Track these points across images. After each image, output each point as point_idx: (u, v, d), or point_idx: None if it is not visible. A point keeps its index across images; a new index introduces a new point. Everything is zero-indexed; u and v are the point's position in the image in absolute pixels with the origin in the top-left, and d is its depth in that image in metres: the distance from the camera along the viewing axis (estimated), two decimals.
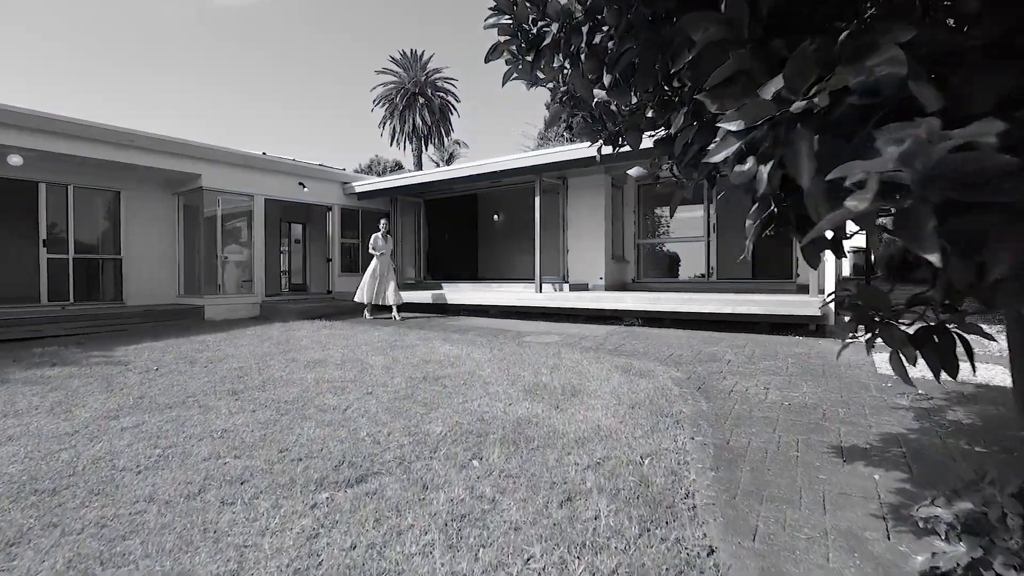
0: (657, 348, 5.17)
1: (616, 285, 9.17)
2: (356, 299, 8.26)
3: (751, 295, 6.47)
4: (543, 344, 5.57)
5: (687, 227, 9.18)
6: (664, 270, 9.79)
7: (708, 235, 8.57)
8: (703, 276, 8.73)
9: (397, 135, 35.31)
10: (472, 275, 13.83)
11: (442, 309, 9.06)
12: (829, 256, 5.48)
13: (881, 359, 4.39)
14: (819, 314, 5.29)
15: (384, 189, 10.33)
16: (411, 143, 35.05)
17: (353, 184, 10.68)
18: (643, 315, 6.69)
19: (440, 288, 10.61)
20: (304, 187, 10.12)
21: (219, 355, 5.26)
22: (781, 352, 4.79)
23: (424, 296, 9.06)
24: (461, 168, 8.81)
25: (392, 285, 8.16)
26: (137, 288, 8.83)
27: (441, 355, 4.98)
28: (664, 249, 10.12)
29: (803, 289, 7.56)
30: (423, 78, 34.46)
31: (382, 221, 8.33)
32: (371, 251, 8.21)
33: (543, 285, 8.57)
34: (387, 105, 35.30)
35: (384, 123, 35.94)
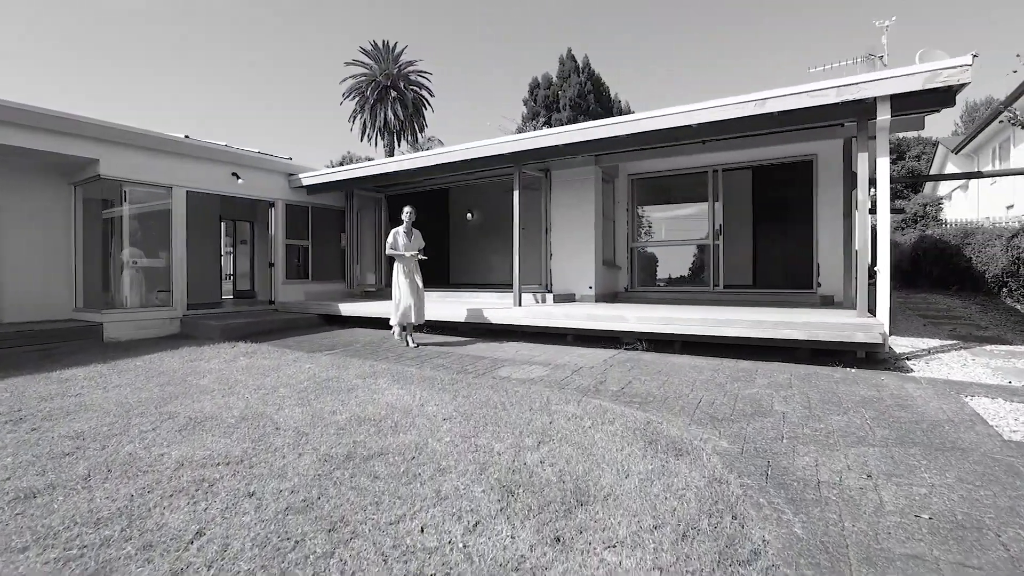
0: (677, 389, 3.91)
1: (607, 295, 7.92)
2: (392, 323, 6.16)
3: (781, 312, 5.29)
4: (525, 383, 4.24)
5: (688, 228, 8.02)
6: (663, 278, 8.61)
7: (714, 238, 7.41)
8: (707, 285, 7.56)
9: (368, 130, 33.50)
10: (443, 282, 12.41)
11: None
12: (882, 264, 4.33)
13: (985, 408, 3.24)
14: (880, 341, 4.13)
15: (336, 181, 8.81)
16: (383, 139, 33.28)
17: (300, 176, 9.11)
18: (649, 337, 5.44)
19: None
20: (239, 178, 8.52)
21: (70, 406, 3.74)
22: (844, 397, 3.59)
23: (376, 308, 7.61)
24: (426, 156, 7.41)
25: (419, 297, 6.10)
26: (17, 301, 7.09)
27: (383, 406, 3.59)
28: (660, 254, 8.93)
29: (827, 301, 6.47)
30: (395, 71, 32.72)
31: (405, 209, 6.05)
32: (389, 251, 6.04)
33: (523, 296, 7.25)
34: (357, 98, 33.45)
35: (355, 117, 34.06)
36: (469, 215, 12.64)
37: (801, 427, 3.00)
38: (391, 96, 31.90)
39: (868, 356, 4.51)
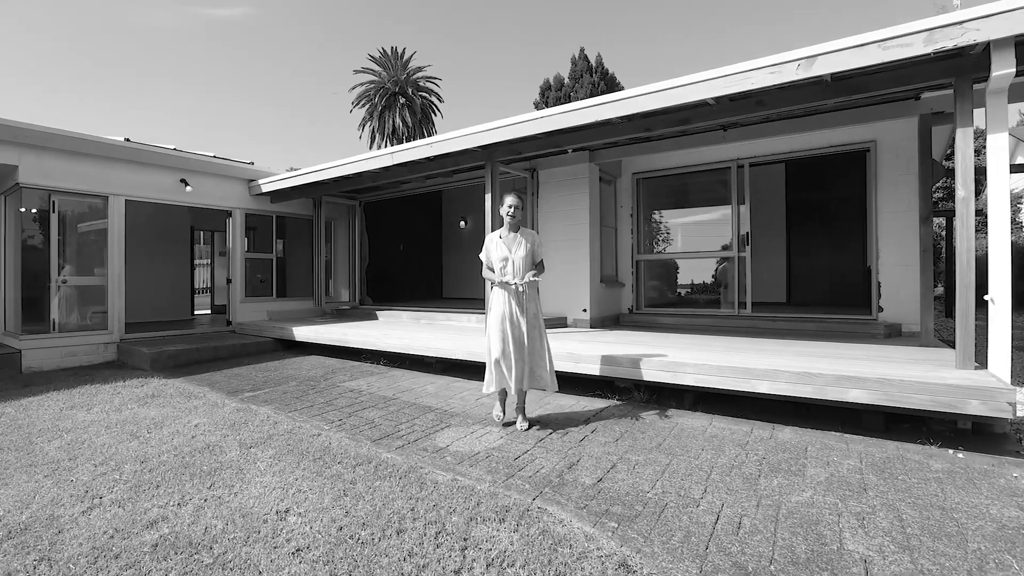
0: (682, 486, 2.56)
1: (607, 318, 6.57)
2: (485, 388, 3.56)
3: (838, 355, 3.87)
4: (463, 463, 2.95)
5: (706, 236, 6.63)
6: (676, 297, 7.20)
7: (739, 248, 5.98)
8: (731, 306, 6.13)
9: (377, 138, 32.93)
10: (436, 296, 11.26)
11: (356, 353, 6.44)
12: (999, 291, 2.93)
13: None
14: (1007, 415, 2.70)
15: (296, 187, 7.73)
16: (391, 145, 32.60)
17: (260, 182, 8.08)
18: (651, 385, 4.09)
19: (375, 317, 8.01)
20: (187, 185, 7.53)
21: None
22: (965, 522, 2.18)
23: (337, 333, 6.44)
24: (383, 154, 6.21)
25: (544, 345, 3.54)
26: None
27: (229, 514, 2.35)
28: (672, 268, 7.53)
29: (893, 330, 4.99)
30: (404, 77, 32.12)
31: (507, 200, 3.50)
32: (486, 272, 3.60)
33: None
34: (367, 105, 32.98)
35: (364, 125, 33.59)
36: (463, 223, 11.47)
37: None
38: (399, 103, 31.28)
39: (975, 426, 3.06)
